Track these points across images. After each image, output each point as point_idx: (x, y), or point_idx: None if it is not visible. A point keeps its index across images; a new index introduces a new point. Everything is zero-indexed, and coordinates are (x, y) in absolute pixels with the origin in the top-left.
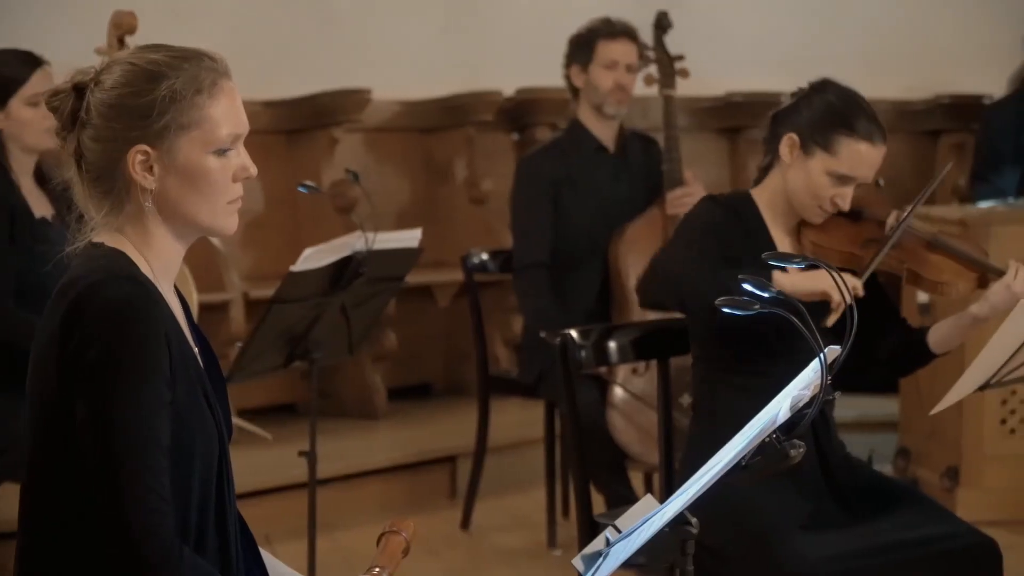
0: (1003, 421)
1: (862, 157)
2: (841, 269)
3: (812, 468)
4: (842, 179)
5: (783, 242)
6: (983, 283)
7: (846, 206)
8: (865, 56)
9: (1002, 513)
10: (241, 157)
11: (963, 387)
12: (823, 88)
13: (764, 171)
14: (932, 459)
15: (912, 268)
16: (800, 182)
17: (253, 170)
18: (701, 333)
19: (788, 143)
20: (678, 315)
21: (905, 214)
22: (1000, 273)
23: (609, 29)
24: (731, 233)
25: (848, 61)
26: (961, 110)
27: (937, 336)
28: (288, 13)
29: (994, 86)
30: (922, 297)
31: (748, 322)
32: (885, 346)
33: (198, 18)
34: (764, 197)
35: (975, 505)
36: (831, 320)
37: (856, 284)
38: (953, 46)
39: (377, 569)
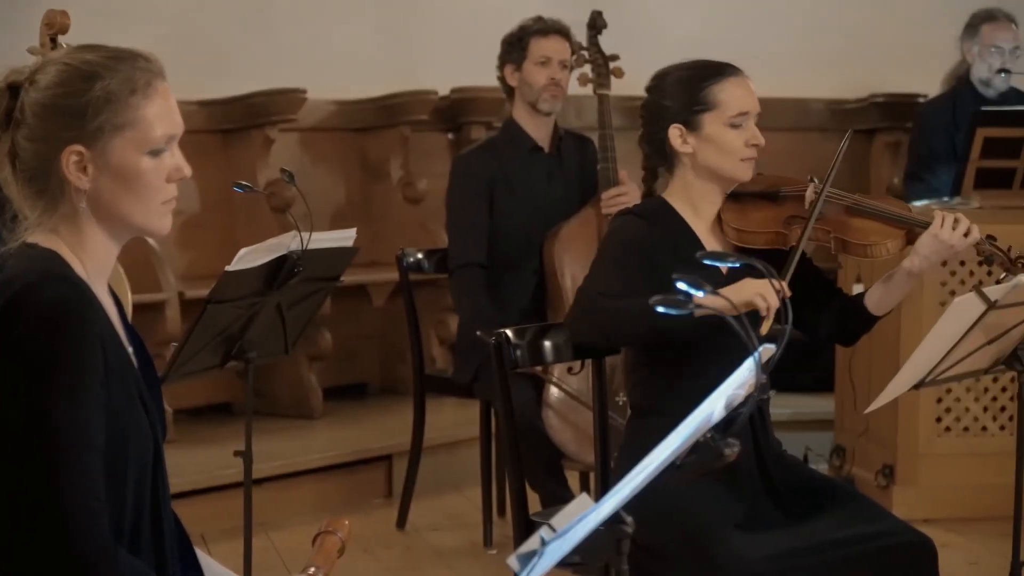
0: (938, 419)
1: (738, 91)
2: (771, 251)
3: (749, 467)
4: (740, 119)
5: (708, 237)
6: (911, 239)
7: (762, 139)
8: (800, 55)
9: (937, 511)
10: (175, 158)
11: (897, 386)
12: (662, 78)
13: (654, 177)
14: (868, 457)
15: (839, 236)
16: (712, 154)
17: (187, 171)
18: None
19: (677, 135)
20: None
21: (823, 184)
22: (926, 225)
23: (541, 26)
24: (655, 242)
25: (783, 60)
26: (896, 109)
27: (875, 298)
28: (223, 13)
29: (929, 85)
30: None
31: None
32: (826, 322)
33: (132, 18)
34: (678, 198)
35: (910, 503)
36: (765, 328)
37: (782, 286)
38: (888, 45)
39: (312, 569)
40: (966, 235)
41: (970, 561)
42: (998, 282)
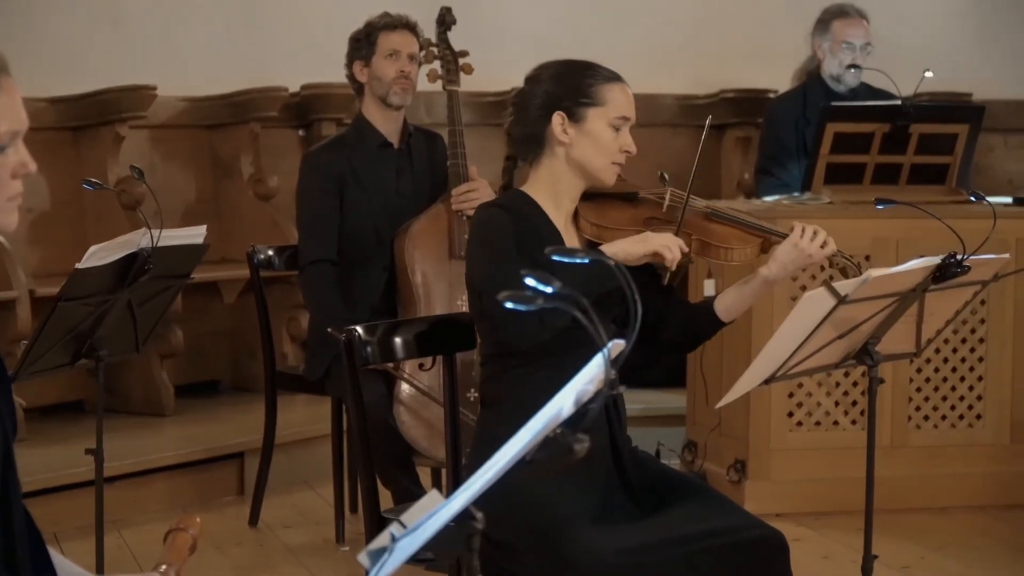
0: (790, 414)
1: (623, 96)
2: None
3: (604, 461)
4: (620, 123)
5: (567, 232)
6: (766, 248)
7: (634, 148)
8: (650, 51)
9: (789, 506)
10: (20, 154)
11: (748, 381)
12: (549, 67)
13: (511, 172)
14: (720, 452)
15: (698, 238)
16: (588, 149)
17: (32, 166)
18: (489, 332)
19: (559, 123)
20: (464, 310)
21: (688, 185)
22: (783, 236)
23: (388, 21)
24: (521, 235)
25: (633, 56)
26: (746, 104)
27: (726, 302)
28: (73, 9)
29: (779, 81)
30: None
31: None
32: (670, 328)
33: None
34: (540, 191)
35: (762, 498)
36: (667, 278)
37: (682, 244)
38: (737, 40)
39: (164, 566)
40: (823, 246)
41: (822, 555)
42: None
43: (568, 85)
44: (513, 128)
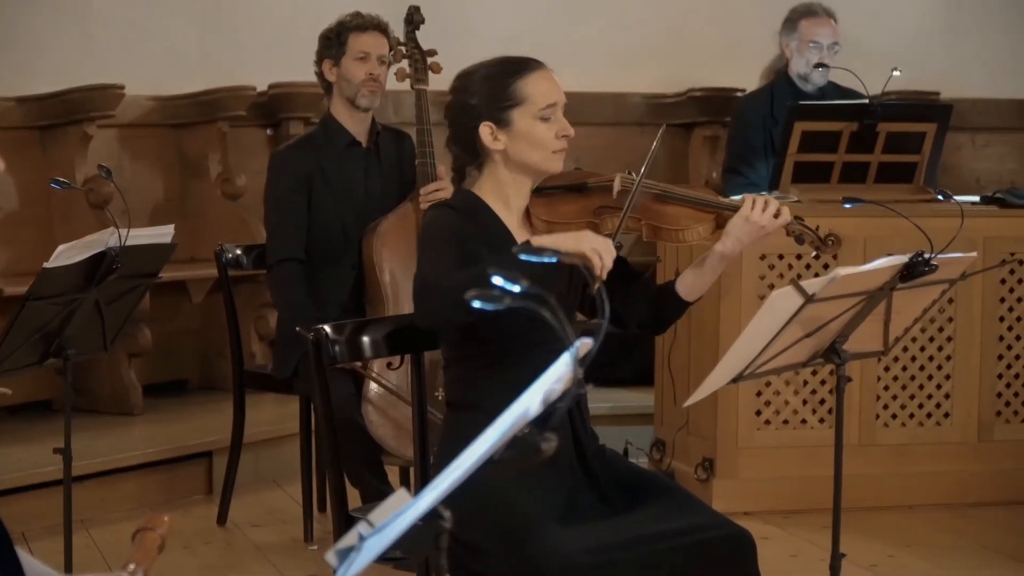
0: (758, 413)
1: (543, 84)
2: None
3: (569, 460)
4: (548, 112)
5: (519, 231)
6: (720, 223)
7: (572, 130)
8: (617, 50)
9: (757, 504)
10: None
11: (715, 380)
12: (466, 77)
13: (462, 178)
14: (688, 451)
15: (649, 223)
16: (524, 148)
17: (1, 165)
18: (453, 334)
19: (488, 133)
20: None
21: (641, 172)
22: (735, 209)
23: (359, 22)
24: (469, 234)
25: (601, 55)
26: (714, 103)
27: (687, 283)
28: (41, 8)
29: (746, 80)
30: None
31: (502, 314)
32: (637, 310)
33: None
34: (488, 193)
35: (730, 496)
36: (595, 287)
37: (612, 249)
38: (705, 39)
39: (132, 566)
40: (776, 216)
41: (790, 554)
42: (812, 264)
43: (486, 94)
44: (450, 145)
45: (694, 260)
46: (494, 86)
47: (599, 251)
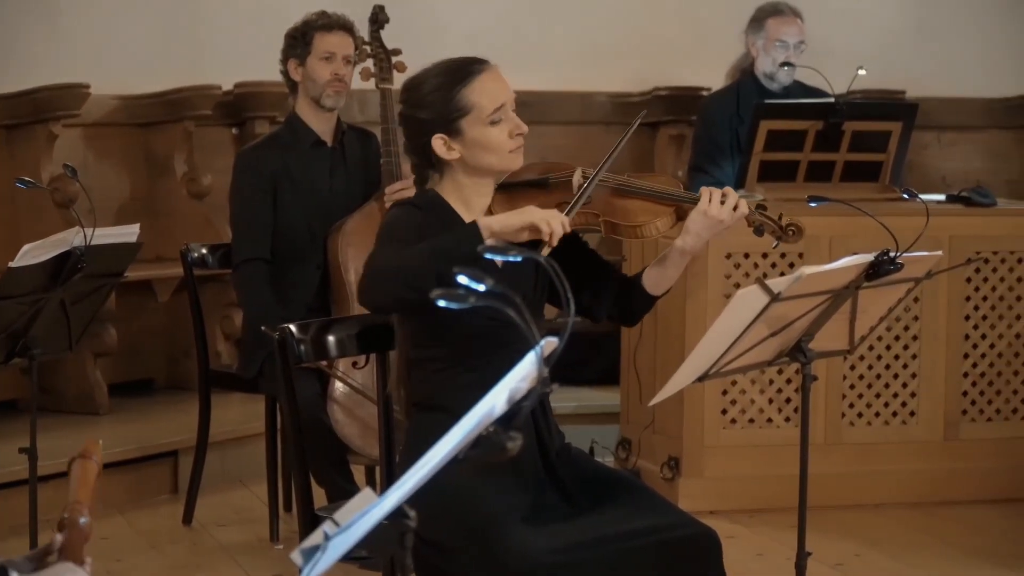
0: (724, 411)
1: (490, 86)
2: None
3: (533, 460)
4: (498, 115)
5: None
6: (681, 215)
7: (525, 127)
8: (583, 49)
9: (723, 503)
10: None
11: (681, 378)
12: (414, 89)
13: (423, 182)
14: (653, 450)
15: (607, 219)
16: (479, 153)
17: None
18: (416, 331)
19: (441, 144)
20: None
21: (598, 168)
22: (694, 201)
23: (325, 21)
24: (429, 230)
25: (566, 54)
26: (679, 102)
27: (651, 278)
28: (5, 7)
29: (712, 78)
30: None
31: (465, 314)
32: (606, 303)
33: None
34: (450, 195)
35: (696, 495)
36: (545, 251)
37: (564, 219)
38: (670, 38)
39: (78, 505)
40: (735, 209)
41: (756, 552)
42: (772, 251)
43: (434, 106)
44: (406, 151)
45: (658, 255)
46: (440, 98)
47: (547, 219)
